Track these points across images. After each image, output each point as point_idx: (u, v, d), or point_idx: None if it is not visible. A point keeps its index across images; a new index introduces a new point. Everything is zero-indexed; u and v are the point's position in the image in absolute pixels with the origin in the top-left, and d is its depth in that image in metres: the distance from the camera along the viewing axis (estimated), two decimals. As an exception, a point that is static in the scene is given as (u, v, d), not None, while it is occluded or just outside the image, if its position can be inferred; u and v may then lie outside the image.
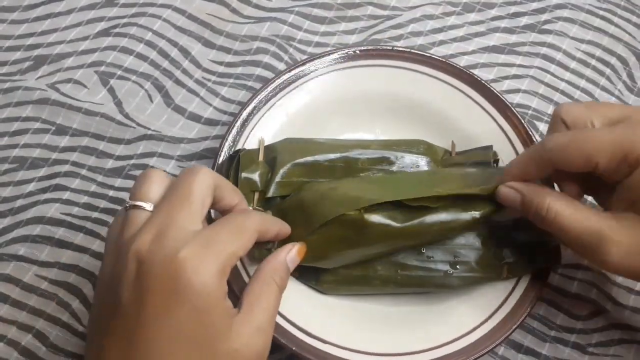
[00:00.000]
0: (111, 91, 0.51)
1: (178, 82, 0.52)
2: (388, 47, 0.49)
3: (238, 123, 0.46)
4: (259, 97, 0.47)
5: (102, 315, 0.33)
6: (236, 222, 0.35)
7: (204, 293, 0.31)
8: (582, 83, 0.52)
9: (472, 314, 0.42)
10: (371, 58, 0.49)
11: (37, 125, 0.50)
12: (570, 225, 0.36)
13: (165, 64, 0.53)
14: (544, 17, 0.54)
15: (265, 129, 0.46)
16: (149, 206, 0.34)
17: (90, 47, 0.53)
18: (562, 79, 0.52)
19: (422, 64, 0.48)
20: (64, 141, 0.50)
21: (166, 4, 0.55)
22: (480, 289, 0.43)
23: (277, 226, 0.39)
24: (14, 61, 0.53)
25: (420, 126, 0.48)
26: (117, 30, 0.54)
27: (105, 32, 0.54)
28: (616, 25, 0.54)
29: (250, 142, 0.46)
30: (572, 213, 0.36)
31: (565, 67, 0.52)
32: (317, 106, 0.48)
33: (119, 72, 0.52)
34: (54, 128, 0.50)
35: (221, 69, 0.53)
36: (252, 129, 0.46)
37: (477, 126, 0.47)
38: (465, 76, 0.48)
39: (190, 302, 0.31)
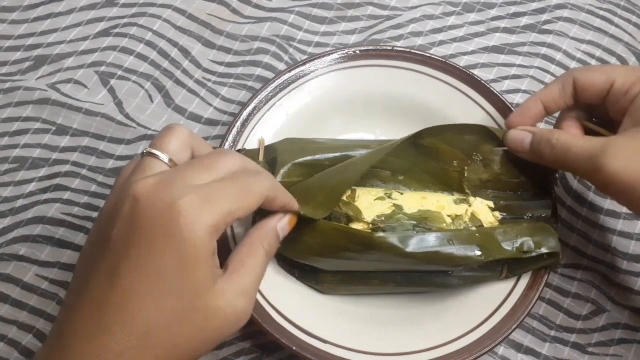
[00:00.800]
0: (111, 91, 0.51)
1: (178, 82, 0.52)
2: (388, 47, 0.49)
3: (238, 123, 0.46)
4: (259, 97, 0.47)
5: (92, 248, 0.33)
6: (244, 182, 0.34)
7: (192, 244, 0.31)
8: (582, 83, 0.52)
9: (471, 313, 0.42)
10: (371, 58, 0.49)
11: (38, 125, 0.50)
12: (575, 145, 0.39)
13: (165, 64, 0.53)
14: (544, 17, 0.54)
15: (265, 129, 0.46)
16: (164, 156, 0.34)
17: (90, 47, 0.53)
18: (562, 79, 0.52)
19: (422, 64, 0.48)
20: (64, 141, 0.50)
21: (166, 4, 0.55)
22: (479, 289, 0.43)
23: (287, 197, 0.38)
24: (14, 61, 0.53)
25: (420, 126, 0.47)
26: (117, 30, 0.54)
27: (105, 32, 0.54)
28: (616, 26, 0.54)
29: (250, 142, 0.46)
30: (577, 137, 0.41)
31: (566, 67, 0.52)
32: (317, 106, 0.48)
33: (119, 72, 0.52)
34: (54, 128, 0.50)
35: (221, 69, 0.53)
36: (252, 129, 0.46)
37: (477, 126, 0.47)
38: (465, 76, 0.48)
39: (176, 250, 0.31)
